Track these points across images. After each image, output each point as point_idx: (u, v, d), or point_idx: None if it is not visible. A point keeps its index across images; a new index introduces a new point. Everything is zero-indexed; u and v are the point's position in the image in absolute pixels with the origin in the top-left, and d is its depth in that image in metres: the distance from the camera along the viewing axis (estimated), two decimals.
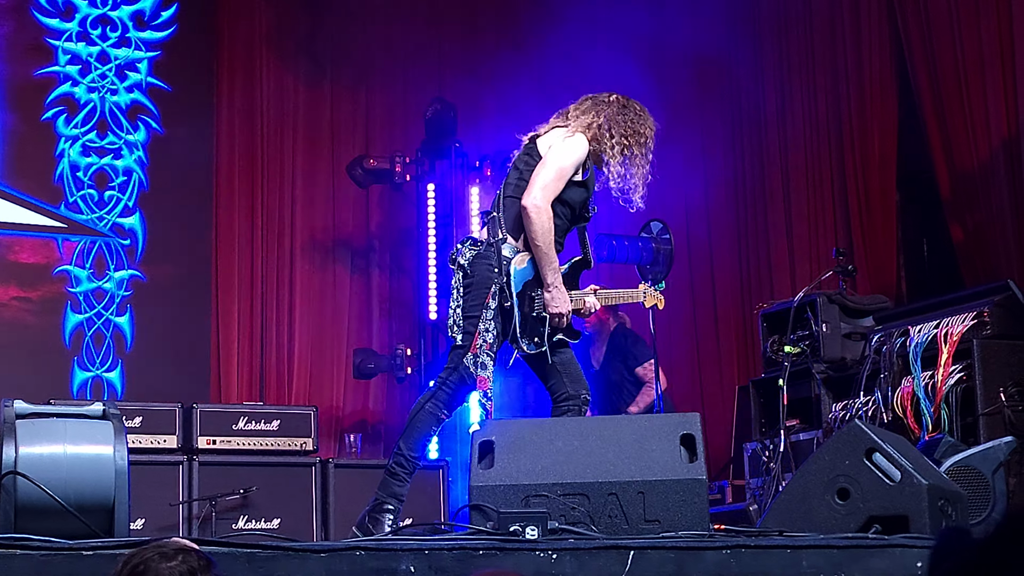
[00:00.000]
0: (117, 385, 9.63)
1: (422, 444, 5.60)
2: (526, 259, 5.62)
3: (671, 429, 4.88)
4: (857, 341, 7.73)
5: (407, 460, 5.52)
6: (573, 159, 5.68)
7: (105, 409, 4.17)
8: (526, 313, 5.59)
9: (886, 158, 9.07)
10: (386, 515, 5.40)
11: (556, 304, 5.60)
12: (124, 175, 9.89)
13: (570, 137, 5.71)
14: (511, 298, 5.53)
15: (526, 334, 5.57)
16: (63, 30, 9.86)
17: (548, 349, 5.62)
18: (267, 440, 8.38)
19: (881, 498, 4.82)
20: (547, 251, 5.57)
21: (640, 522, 4.70)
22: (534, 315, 5.62)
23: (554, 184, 5.61)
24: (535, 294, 5.61)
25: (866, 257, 8.94)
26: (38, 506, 3.86)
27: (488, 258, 5.59)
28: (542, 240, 5.55)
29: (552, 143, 5.72)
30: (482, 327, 5.49)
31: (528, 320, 5.60)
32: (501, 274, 5.55)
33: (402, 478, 5.51)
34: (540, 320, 5.61)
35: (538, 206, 5.55)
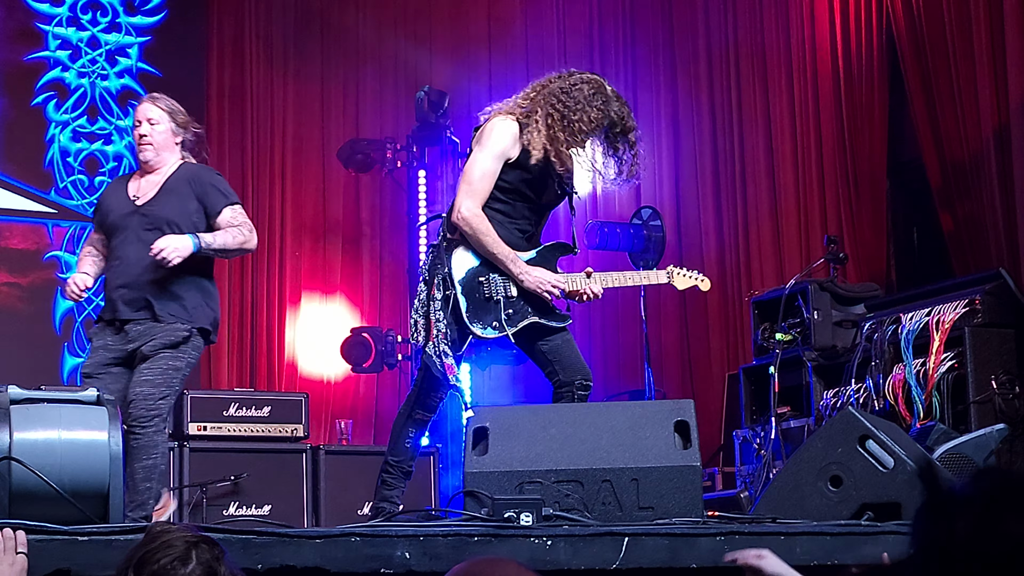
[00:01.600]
0: None
1: (403, 447, 5.62)
2: (468, 249, 5.60)
3: (665, 416, 4.88)
4: (848, 329, 7.74)
5: (391, 467, 5.61)
6: (493, 149, 5.60)
7: (99, 395, 4.17)
8: (477, 299, 5.55)
9: (876, 146, 9.06)
10: (382, 515, 5.44)
11: (538, 285, 5.57)
12: (115, 161, 9.88)
13: (492, 122, 5.66)
14: (452, 286, 5.52)
15: (478, 319, 5.53)
16: (53, 15, 9.83)
17: (515, 332, 5.57)
18: (258, 426, 8.37)
19: (874, 485, 4.83)
20: (493, 252, 5.54)
21: (634, 509, 4.70)
22: (486, 299, 5.57)
23: (479, 185, 5.58)
24: (484, 279, 5.57)
25: (855, 245, 8.94)
26: (33, 492, 3.85)
27: (439, 256, 5.61)
28: (481, 249, 5.55)
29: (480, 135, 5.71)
30: (434, 318, 5.52)
31: (479, 305, 5.55)
32: (443, 265, 5.56)
33: (391, 484, 5.59)
34: (496, 304, 5.57)
35: (465, 218, 5.54)
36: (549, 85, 5.68)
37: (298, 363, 10.08)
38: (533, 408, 5.29)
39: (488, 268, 5.58)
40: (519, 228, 5.66)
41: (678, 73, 10.13)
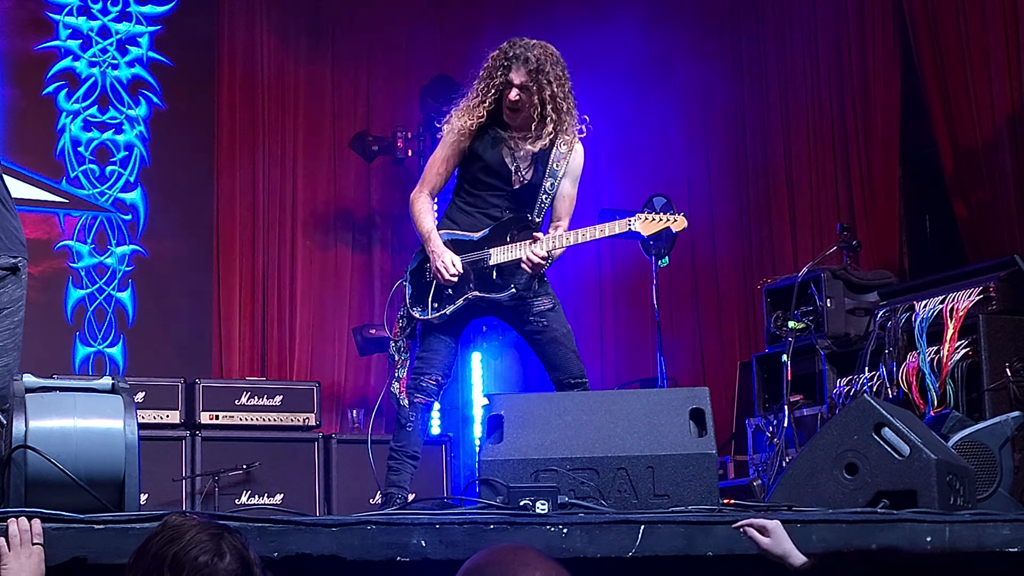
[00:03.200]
0: (119, 360, 9.62)
1: (404, 432, 5.66)
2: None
3: (680, 403, 4.88)
4: (861, 317, 7.72)
5: (395, 452, 5.64)
6: (443, 140, 5.79)
7: (114, 383, 4.16)
8: (420, 283, 5.72)
9: (889, 133, 9.05)
10: (392, 500, 5.49)
11: (435, 262, 5.66)
12: (125, 150, 9.87)
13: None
14: (405, 277, 5.77)
15: (418, 303, 5.68)
16: (64, 4, 9.82)
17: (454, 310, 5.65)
18: (270, 415, 8.37)
19: (889, 473, 4.82)
20: (419, 229, 5.75)
21: (650, 496, 4.70)
22: (427, 282, 5.71)
23: (426, 174, 5.84)
24: (427, 266, 5.71)
25: (868, 233, 8.93)
26: (49, 480, 3.84)
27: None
28: (416, 226, 5.78)
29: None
30: (400, 313, 5.77)
31: (421, 288, 5.71)
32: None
33: (398, 469, 5.60)
34: (437, 286, 5.69)
35: (410, 201, 5.85)
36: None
37: (310, 352, 10.08)
38: (548, 396, 5.29)
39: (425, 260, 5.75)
40: (488, 215, 5.75)
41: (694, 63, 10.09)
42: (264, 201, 10.13)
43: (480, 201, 5.76)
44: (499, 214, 5.74)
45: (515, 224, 5.74)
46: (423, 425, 5.71)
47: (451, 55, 10.58)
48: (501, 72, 5.67)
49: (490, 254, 5.68)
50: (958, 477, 4.93)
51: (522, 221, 5.73)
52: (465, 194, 5.79)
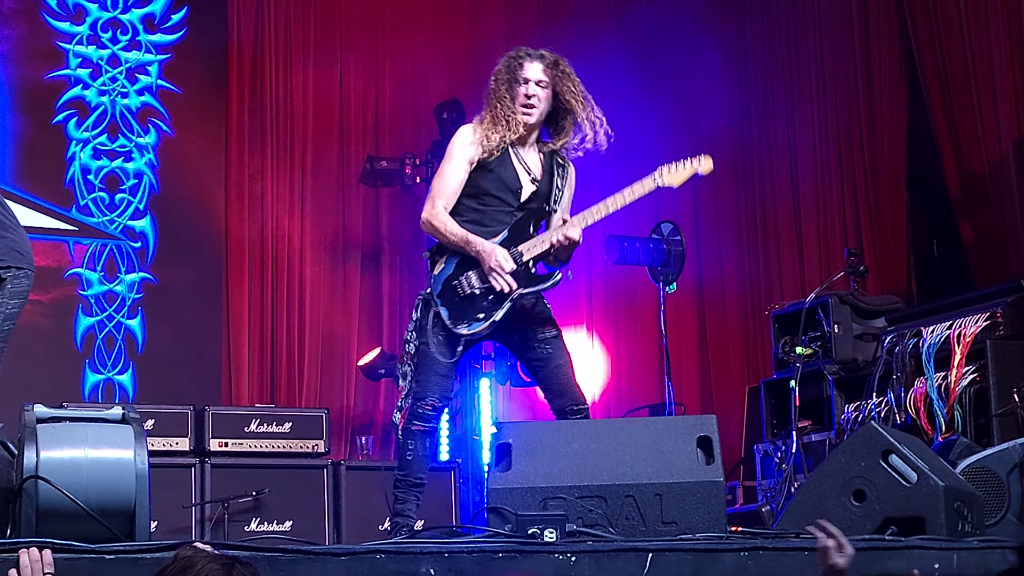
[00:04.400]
0: (128, 388, 9.64)
1: (405, 460, 5.61)
2: (443, 260, 5.68)
3: (688, 431, 4.89)
4: (869, 342, 7.74)
5: (399, 481, 5.60)
6: (449, 153, 5.70)
7: (125, 413, 4.18)
8: (455, 302, 5.59)
9: (895, 158, 9.08)
10: (397, 530, 5.47)
11: (490, 260, 5.55)
12: (135, 178, 9.91)
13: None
14: (434, 302, 5.61)
15: (462, 320, 5.57)
16: (74, 33, 9.87)
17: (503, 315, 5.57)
18: (279, 442, 8.39)
19: (897, 499, 4.83)
20: (453, 239, 5.59)
21: (657, 524, 4.71)
22: (463, 298, 5.60)
23: (436, 189, 5.69)
24: (456, 281, 5.61)
25: (876, 258, 8.95)
26: (60, 510, 3.87)
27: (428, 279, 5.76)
28: (446, 242, 5.64)
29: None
30: (407, 336, 5.70)
31: (458, 306, 5.59)
32: (427, 287, 5.70)
33: (403, 499, 5.57)
34: (473, 298, 5.59)
35: (424, 222, 5.68)
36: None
37: (319, 378, 10.10)
38: (556, 424, 5.31)
39: (459, 270, 5.62)
40: (492, 232, 5.67)
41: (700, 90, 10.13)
42: (272, 228, 10.16)
43: (485, 217, 5.68)
44: (503, 230, 5.70)
45: (533, 216, 5.73)
46: (425, 452, 5.61)
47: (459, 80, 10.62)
48: (511, 73, 5.68)
49: (521, 251, 5.62)
50: (966, 503, 4.94)
51: (539, 212, 5.73)
52: (467, 211, 5.69)
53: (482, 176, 5.67)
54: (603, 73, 10.26)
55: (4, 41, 9.61)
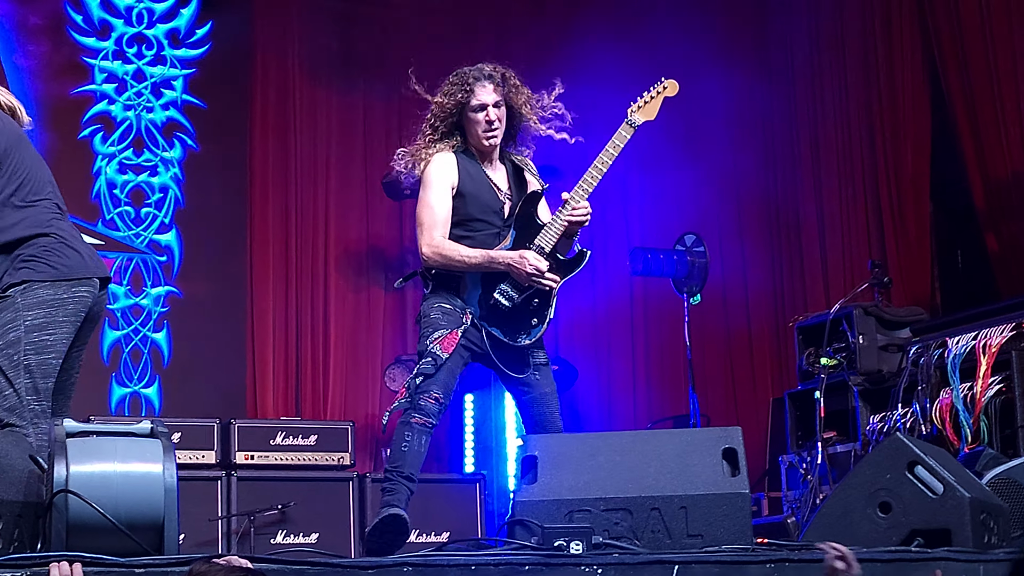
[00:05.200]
0: (155, 401, 9.69)
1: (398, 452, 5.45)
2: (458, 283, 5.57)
3: (713, 443, 4.89)
4: (894, 353, 7.73)
5: (389, 472, 5.46)
6: (430, 184, 5.57)
7: (153, 427, 4.21)
8: (502, 318, 5.51)
9: (919, 168, 9.07)
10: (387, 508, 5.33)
11: (524, 267, 5.46)
12: (160, 192, 9.96)
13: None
14: (480, 325, 5.51)
15: (519, 330, 5.52)
16: (99, 49, 9.94)
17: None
18: (304, 455, 8.42)
19: (923, 511, 4.83)
20: (471, 262, 5.49)
21: (683, 537, 4.71)
22: (511, 311, 5.52)
23: (427, 219, 5.55)
24: (493, 301, 5.51)
25: (900, 268, 8.94)
26: (89, 524, 3.89)
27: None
28: (463, 267, 5.51)
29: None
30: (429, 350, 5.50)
31: (506, 320, 5.52)
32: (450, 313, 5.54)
33: (390, 488, 5.42)
34: (520, 308, 5.52)
35: (430, 256, 5.55)
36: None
37: (344, 391, 10.12)
38: (581, 436, 5.32)
39: (488, 287, 5.52)
40: (491, 244, 5.58)
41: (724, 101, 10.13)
42: (297, 241, 10.20)
43: (475, 243, 5.57)
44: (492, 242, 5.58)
45: (532, 203, 5.62)
46: (420, 449, 5.42)
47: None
48: (463, 97, 5.59)
49: (541, 246, 5.53)
50: (992, 515, 4.93)
51: (533, 201, 5.63)
52: (458, 238, 5.57)
53: (463, 202, 5.58)
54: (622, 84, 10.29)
55: (30, 57, 9.68)
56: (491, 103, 5.60)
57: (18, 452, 4.20)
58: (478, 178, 5.63)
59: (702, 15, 10.19)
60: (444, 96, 5.66)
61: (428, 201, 5.57)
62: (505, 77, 5.66)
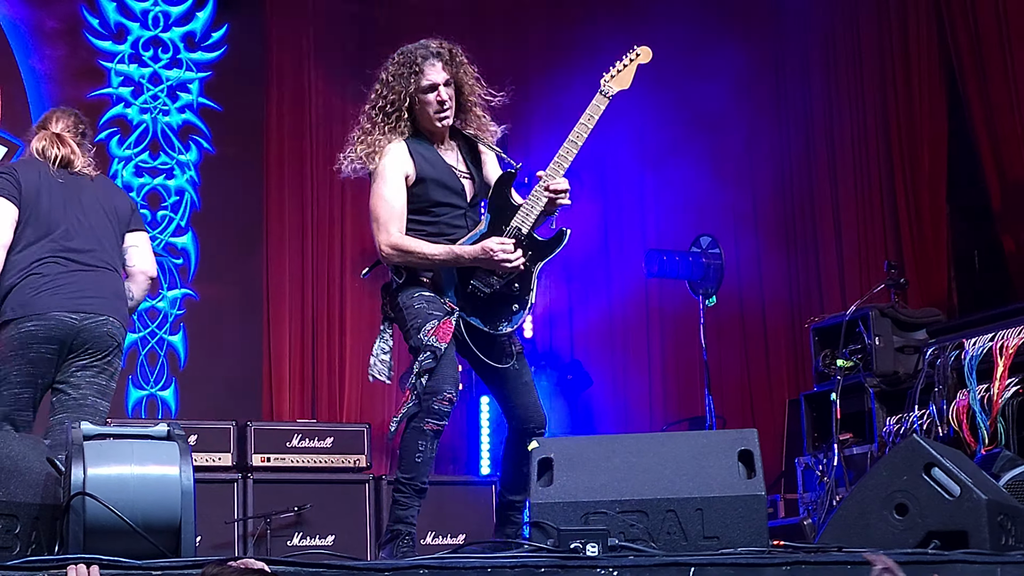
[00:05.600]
0: (171, 403, 9.71)
1: (413, 462, 5.22)
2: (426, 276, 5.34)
3: (729, 445, 4.89)
4: (910, 354, 7.71)
5: (403, 484, 5.24)
6: (383, 176, 5.33)
7: (170, 430, 4.22)
8: (481, 306, 5.28)
9: (936, 169, 9.05)
10: (400, 539, 5.16)
11: (485, 254, 5.22)
12: (176, 195, 9.99)
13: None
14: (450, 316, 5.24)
15: (500, 317, 5.30)
16: (115, 52, 9.97)
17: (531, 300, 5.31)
18: (320, 457, 8.43)
19: (940, 513, 4.81)
20: (434, 258, 5.25)
21: (699, 539, 4.70)
22: (489, 297, 5.29)
23: (386, 214, 5.31)
24: (470, 288, 5.28)
25: (917, 270, 8.92)
26: (107, 527, 3.90)
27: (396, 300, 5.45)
28: (426, 265, 5.29)
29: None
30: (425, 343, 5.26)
31: (484, 308, 5.29)
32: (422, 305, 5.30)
33: (403, 503, 5.22)
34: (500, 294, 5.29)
35: (389, 253, 5.33)
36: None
37: (359, 394, 10.13)
38: (597, 438, 5.31)
39: (463, 276, 5.29)
40: (454, 239, 5.33)
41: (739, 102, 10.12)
42: (313, 243, 10.21)
43: (442, 226, 5.35)
44: (463, 234, 5.34)
45: (506, 183, 5.38)
46: (432, 455, 5.22)
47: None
48: (413, 79, 5.35)
49: (517, 226, 5.29)
50: (1009, 517, 4.91)
51: (507, 181, 5.39)
52: (420, 226, 5.34)
53: (424, 188, 5.34)
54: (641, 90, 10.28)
55: (47, 61, 9.72)
56: (441, 82, 5.39)
57: (36, 455, 4.22)
58: (434, 161, 5.38)
59: (719, 17, 10.18)
60: (392, 78, 5.40)
61: (382, 194, 5.32)
62: (452, 54, 5.46)
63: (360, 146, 5.41)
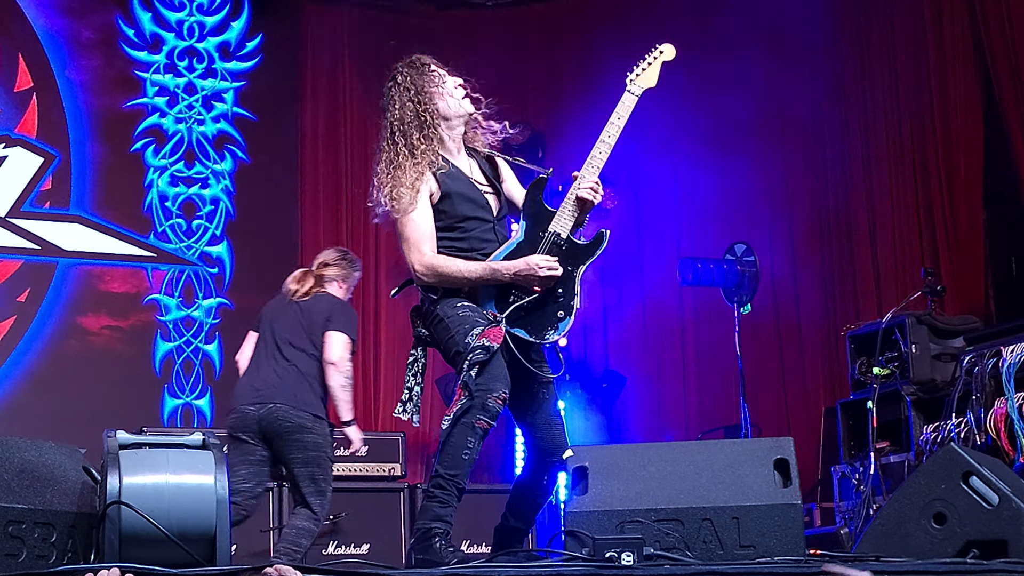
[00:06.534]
0: (207, 412, 9.74)
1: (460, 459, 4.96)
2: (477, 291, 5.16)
3: (764, 454, 4.86)
4: (947, 362, 7.66)
5: (446, 480, 4.97)
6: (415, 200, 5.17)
7: (205, 439, 4.23)
8: (525, 316, 5.10)
9: (972, 175, 8.99)
10: (438, 538, 4.91)
11: (528, 272, 5.06)
12: (211, 204, 10.03)
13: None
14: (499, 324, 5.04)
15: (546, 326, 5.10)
16: (151, 62, 10.02)
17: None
18: (356, 466, 8.43)
19: (979, 522, 4.77)
20: (472, 277, 5.09)
21: (735, 547, 4.68)
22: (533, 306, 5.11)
23: (416, 236, 5.14)
24: (512, 298, 5.11)
25: (953, 277, 8.86)
26: (142, 535, 3.91)
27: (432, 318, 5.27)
28: (463, 284, 5.11)
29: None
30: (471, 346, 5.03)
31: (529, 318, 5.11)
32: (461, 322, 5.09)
33: (444, 500, 4.96)
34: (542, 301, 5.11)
35: (424, 273, 5.15)
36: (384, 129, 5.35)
37: (394, 402, 10.12)
38: (632, 447, 5.29)
39: (503, 288, 5.12)
40: (484, 253, 5.16)
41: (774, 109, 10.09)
42: None
43: (473, 241, 5.18)
44: (493, 248, 5.18)
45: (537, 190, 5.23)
46: (477, 456, 5.00)
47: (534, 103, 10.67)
48: (433, 78, 5.28)
49: (558, 232, 5.13)
50: None
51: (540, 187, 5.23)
52: (449, 243, 5.17)
53: (451, 203, 5.17)
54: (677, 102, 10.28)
55: (84, 71, 9.78)
56: (461, 83, 5.36)
57: (72, 464, 4.23)
58: (455, 175, 5.22)
59: (752, 19, 10.16)
60: (413, 85, 5.28)
61: (410, 215, 5.14)
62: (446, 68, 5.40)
63: (387, 188, 5.23)
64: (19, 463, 4.05)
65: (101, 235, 9.69)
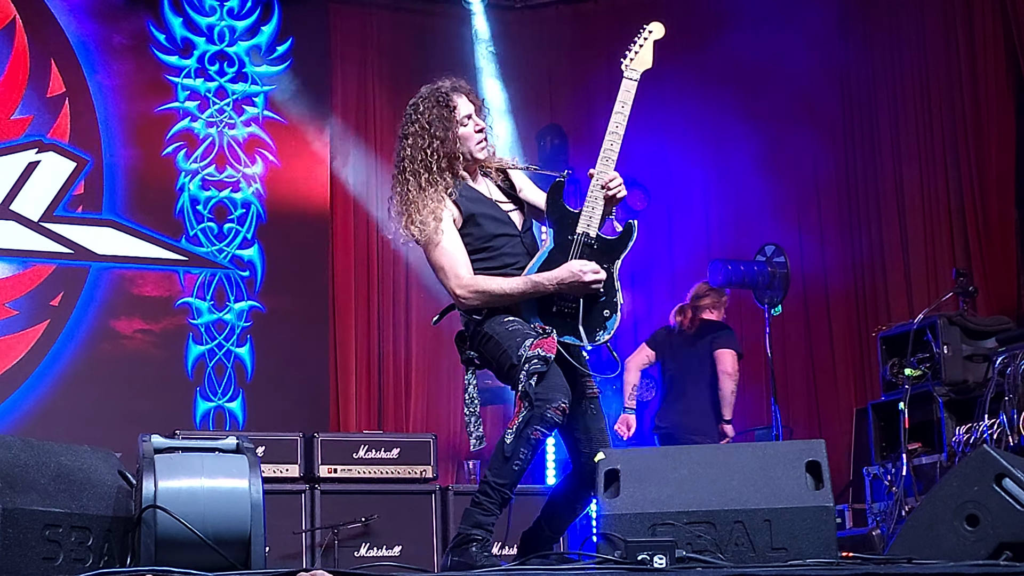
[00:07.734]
0: (239, 415, 9.78)
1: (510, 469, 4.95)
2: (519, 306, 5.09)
3: (796, 456, 4.86)
4: (979, 363, 7.64)
5: (494, 489, 4.97)
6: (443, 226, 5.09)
7: (239, 443, 4.25)
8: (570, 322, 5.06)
9: (1004, 175, 8.96)
10: (472, 545, 4.89)
11: (572, 279, 5.00)
12: (243, 208, 10.08)
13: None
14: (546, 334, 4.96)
15: (595, 327, 5.08)
16: (182, 67, 10.07)
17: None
18: (387, 468, 8.45)
19: (1012, 524, 4.75)
20: (514, 292, 5.03)
21: (767, 550, 4.68)
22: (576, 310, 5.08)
23: (451, 261, 5.06)
24: (556, 307, 5.06)
25: (985, 277, 8.84)
26: (177, 539, 3.94)
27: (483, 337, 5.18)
28: (506, 301, 5.05)
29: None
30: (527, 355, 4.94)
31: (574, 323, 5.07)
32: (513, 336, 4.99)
33: (489, 508, 4.95)
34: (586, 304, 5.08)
35: (467, 296, 5.07)
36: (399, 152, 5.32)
37: (426, 404, 10.17)
38: (663, 449, 5.30)
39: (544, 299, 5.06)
40: (517, 268, 5.11)
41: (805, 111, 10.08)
42: (379, 254, 10.27)
43: (504, 256, 5.13)
44: (525, 262, 5.12)
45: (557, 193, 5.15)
46: (527, 468, 4.96)
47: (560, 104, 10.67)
48: (450, 115, 5.16)
49: (587, 232, 5.07)
50: None
51: (559, 191, 5.15)
52: (484, 262, 5.11)
53: (477, 226, 5.12)
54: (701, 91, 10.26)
55: (115, 76, 9.84)
56: (473, 112, 5.23)
57: (107, 468, 4.26)
58: (474, 197, 5.16)
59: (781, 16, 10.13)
60: (429, 123, 5.20)
61: (439, 244, 5.06)
62: (466, 86, 5.33)
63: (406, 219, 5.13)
64: (55, 467, 4.08)
65: (133, 239, 9.75)
